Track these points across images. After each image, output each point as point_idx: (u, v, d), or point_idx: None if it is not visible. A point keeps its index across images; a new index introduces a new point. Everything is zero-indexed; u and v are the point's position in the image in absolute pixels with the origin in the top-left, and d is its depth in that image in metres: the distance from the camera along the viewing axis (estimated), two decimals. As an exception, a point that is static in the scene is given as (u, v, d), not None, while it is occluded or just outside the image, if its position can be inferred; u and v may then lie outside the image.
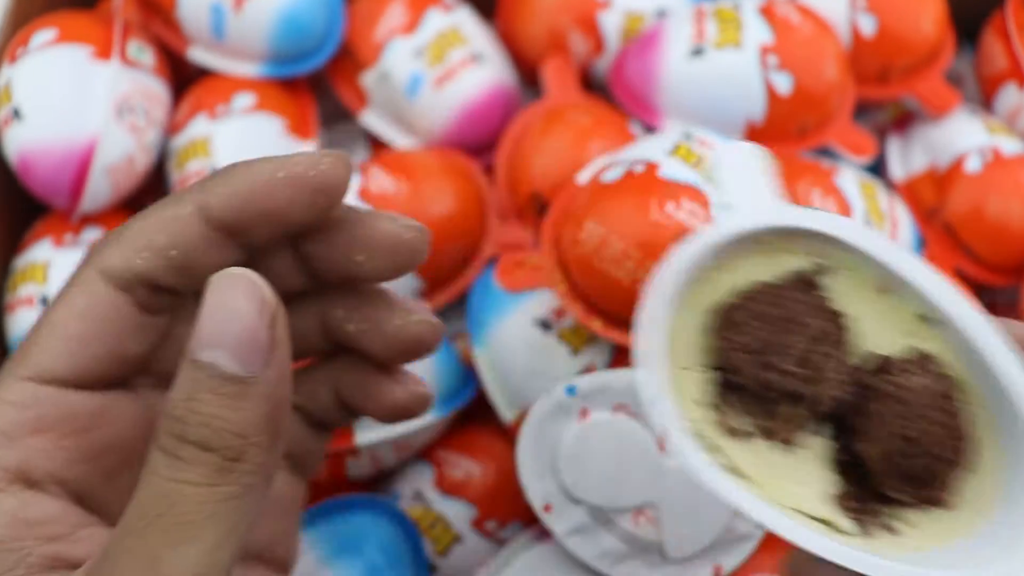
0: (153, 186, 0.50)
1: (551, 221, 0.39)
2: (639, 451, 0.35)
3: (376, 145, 0.51)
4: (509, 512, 0.40)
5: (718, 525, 0.36)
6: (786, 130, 0.43)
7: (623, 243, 0.35)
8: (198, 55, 0.47)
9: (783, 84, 0.42)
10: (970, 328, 0.23)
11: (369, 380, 0.25)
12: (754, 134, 0.43)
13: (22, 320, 0.42)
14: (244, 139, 0.44)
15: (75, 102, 0.42)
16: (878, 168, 0.50)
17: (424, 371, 0.40)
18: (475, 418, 0.44)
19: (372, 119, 0.49)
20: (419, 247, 0.24)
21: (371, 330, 0.23)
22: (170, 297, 0.22)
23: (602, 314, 0.37)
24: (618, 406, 0.35)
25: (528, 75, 0.51)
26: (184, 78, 0.50)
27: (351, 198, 0.43)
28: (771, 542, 0.37)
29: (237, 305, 0.18)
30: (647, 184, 0.36)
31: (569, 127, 0.43)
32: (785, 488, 0.23)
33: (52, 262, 0.43)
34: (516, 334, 0.40)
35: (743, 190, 0.24)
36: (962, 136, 0.46)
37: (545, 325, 0.39)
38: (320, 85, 0.52)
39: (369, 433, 0.39)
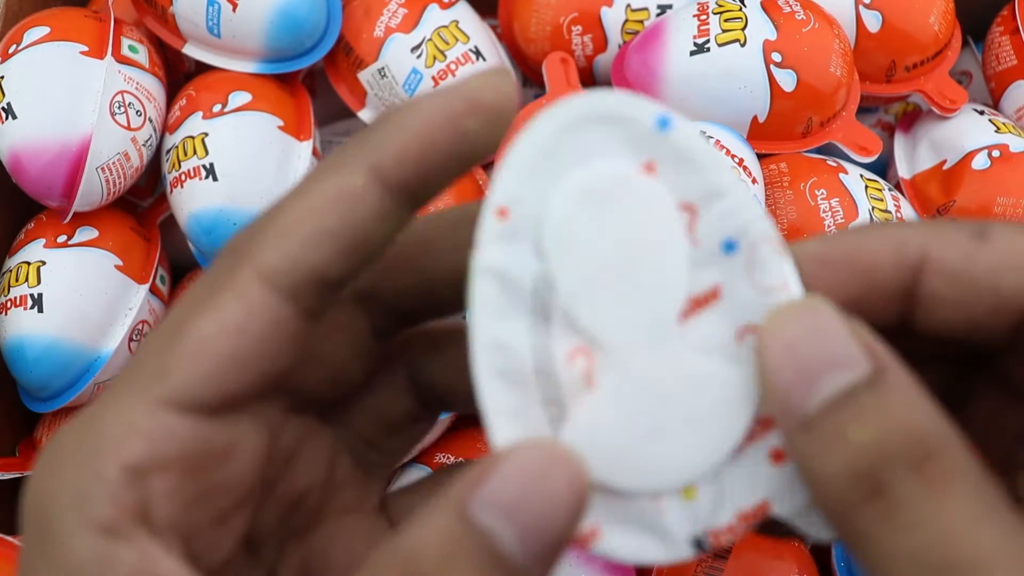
0: (148, 184, 0.50)
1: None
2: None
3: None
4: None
5: None
6: (790, 127, 0.42)
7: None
8: (194, 51, 0.46)
9: (787, 80, 0.41)
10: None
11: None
12: (758, 131, 0.42)
13: (14, 321, 0.42)
14: (239, 137, 0.44)
15: (68, 100, 0.41)
16: (884, 166, 0.49)
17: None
18: (474, 420, 0.43)
19: (371, 117, 0.48)
20: None
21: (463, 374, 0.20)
22: (333, 294, 0.18)
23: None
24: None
25: (529, 72, 0.50)
26: (179, 76, 0.49)
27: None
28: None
29: (554, 490, 0.15)
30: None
31: (570, 125, 0.43)
32: None
33: (45, 263, 0.42)
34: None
35: None
36: (969, 134, 0.45)
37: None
38: (319, 82, 0.52)
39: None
